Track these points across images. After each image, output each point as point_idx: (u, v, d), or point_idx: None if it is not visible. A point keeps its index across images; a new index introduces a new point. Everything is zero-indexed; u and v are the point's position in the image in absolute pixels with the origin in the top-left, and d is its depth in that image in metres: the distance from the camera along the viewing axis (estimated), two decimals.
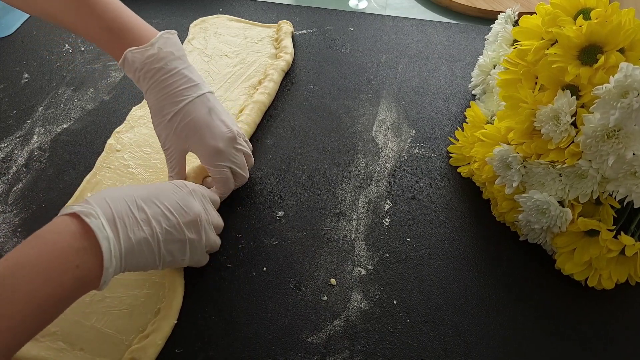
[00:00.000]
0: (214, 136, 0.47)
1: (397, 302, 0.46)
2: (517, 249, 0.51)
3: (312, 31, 0.78)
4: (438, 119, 0.64)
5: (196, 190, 0.43)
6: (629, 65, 0.39)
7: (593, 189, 0.43)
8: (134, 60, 0.46)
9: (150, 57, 0.46)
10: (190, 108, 0.47)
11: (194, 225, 0.41)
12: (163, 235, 0.38)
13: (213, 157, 0.48)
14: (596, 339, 0.45)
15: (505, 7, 0.81)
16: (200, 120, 0.47)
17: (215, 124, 0.48)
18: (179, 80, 0.47)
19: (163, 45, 0.46)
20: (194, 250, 0.42)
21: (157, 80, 0.46)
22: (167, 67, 0.46)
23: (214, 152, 0.48)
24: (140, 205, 0.38)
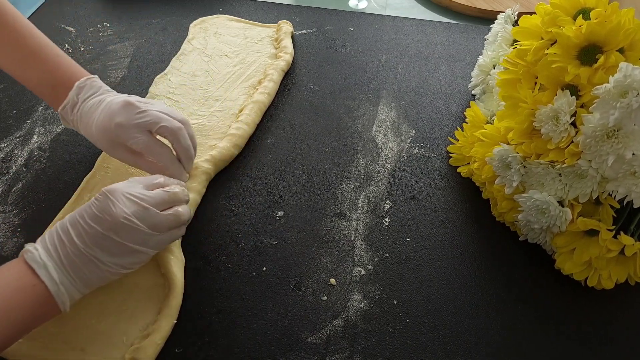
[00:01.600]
0: (111, 117, 0.47)
1: (396, 302, 0.46)
2: (516, 249, 0.51)
3: (312, 31, 0.78)
4: (438, 119, 0.64)
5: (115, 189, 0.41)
6: (628, 65, 0.39)
7: (593, 188, 0.43)
8: (66, 115, 0.51)
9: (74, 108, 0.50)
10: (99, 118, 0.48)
11: (119, 226, 0.39)
12: (91, 248, 0.39)
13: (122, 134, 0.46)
14: (596, 338, 0.45)
15: (505, 7, 0.81)
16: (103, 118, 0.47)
17: (111, 107, 0.47)
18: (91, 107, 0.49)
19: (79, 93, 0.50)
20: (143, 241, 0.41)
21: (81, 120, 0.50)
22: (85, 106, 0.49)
23: (119, 129, 0.46)
24: (67, 228, 0.39)
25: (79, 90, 0.50)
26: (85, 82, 0.50)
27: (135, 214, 0.40)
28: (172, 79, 0.67)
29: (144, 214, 0.41)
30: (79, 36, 0.76)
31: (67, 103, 0.50)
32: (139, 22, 0.79)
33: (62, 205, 0.52)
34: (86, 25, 0.78)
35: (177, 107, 0.63)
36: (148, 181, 0.44)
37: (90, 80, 0.50)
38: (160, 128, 0.47)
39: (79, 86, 0.50)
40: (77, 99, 0.49)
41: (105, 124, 0.47)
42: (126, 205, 0.40)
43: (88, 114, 0.49)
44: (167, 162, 0.48)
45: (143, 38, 0.76)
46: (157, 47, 0.74)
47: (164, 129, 0.47)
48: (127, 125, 0.46)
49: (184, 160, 0.50)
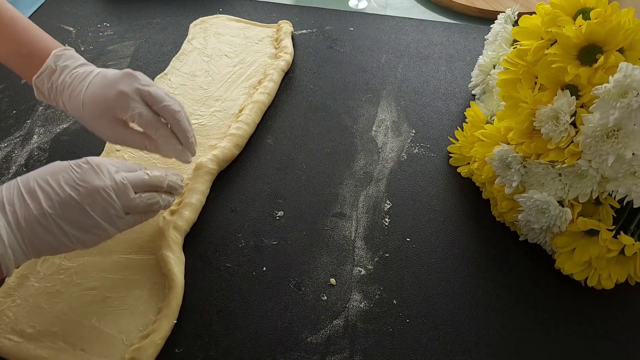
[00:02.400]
0: (111, 85, 0.45)
1: (396, 301, 0.46)
2: (516, 249, 0.51)
3: (312, 31, 0.78)
4: (438, 119, 0.64)
5: (101, 162, 0.40)
6: (628, 65, 0.39)
7: (593, 188, 0.43)
8: (42, 85, 0.47)
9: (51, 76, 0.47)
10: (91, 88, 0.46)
11: (97, 196, 0.38)
12: (57, 213, 0.37)
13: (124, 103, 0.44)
14: (596, 338, 0.45)
15: (505, 7, 0.81)
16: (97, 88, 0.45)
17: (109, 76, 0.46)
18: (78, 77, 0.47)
19: (58, 61, 0.47)
20: (111, 219, 0.39)
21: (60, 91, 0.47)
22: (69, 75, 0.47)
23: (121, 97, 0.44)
24: (32, 186, 0.37)
25: (57, 59, 0.47)
26: (62, 52, 0.48)
27: (114, 190, 0.39)
28: (172, 79, 0.67)
29: (121, 192, 0.39)
30: (79, 36, 0.76)
31: (43, 71, 0.47)
32: (139, 22, 0.79)
33: None
34: (86, 25, 0.78)
35: None
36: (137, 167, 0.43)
37: (67, 50, 0.48)
38: (163, 107, 0.45)
39: (57, 54, 0.47)
40: (55, 67, 0.47)
41: (102, 92, 0.45)
42: (109, 178, 0.39)
43: (74, 83, 0.46)
44: (167, 139, 0.46)
45: (143, 38, 0.76)
46: (157, 47, 0.74)
47: (166, 109, 0.46)
48: (130, 94, 0.44)
49: (185, 143, 0.48)
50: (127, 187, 0.40)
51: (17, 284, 0.45)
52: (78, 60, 0.48)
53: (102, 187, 0.38)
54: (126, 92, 0.44)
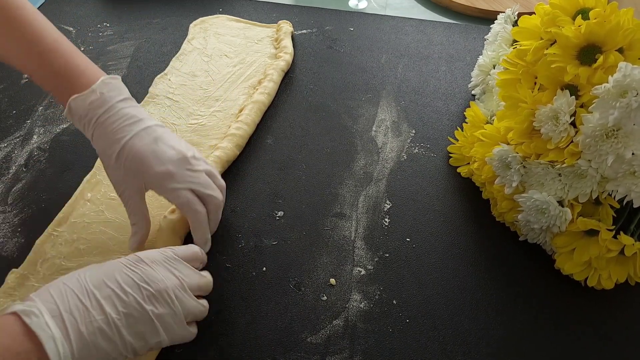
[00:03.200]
0: (161, 160, 0.43)
1: (396, 302, 0.46)
2: (516, 249, 0.51)
3: (312, 31, 0.78)
4: (438, 119, 0.64)
5: (157, 260, 0.38)
6: (627, 65, 0.39)
7: (592, 188, 0.43)
8: (77, 108, 0.44)
9: (92, 103, 0.43)
10: (134, 141, 0.43)
11: (160, 298, 0.36)
12: (121, 319, 0.34)
13: (165, 182, 0.43)
14: (596, 338, 0.45)
15: (505, 7, 0.81)
16: (144, 150, 0.43)
17: (161, 150, 0.44)
18: (121, 118, 0.44)
19: (105, 90, 0.44)
20: (169, 327, 0.37)
21: (98, 124, 0.44)
22: (110, 110, 0.44)
23: (164, 176, 0.43)
24: (90, 289, 0.34)
25: (103, 86, 0.44)
26: (110, 80, 0.45)
27: (174, 290, 0.36)
28: (172, 79, 0.67)
29: (181, 293, 0.37)
30: (79, 36, 0.76)
31: (85, 95, 0.43)
32: (139, 22, 0.79)
33: (62, 205, 0.52)
34: (86, 25, 0.78)
35: (177, 107, 0.63)
36: (186, 253, 0.41)
37: (115, 80, 0.46)
38: (208, 196, 0.45)
39: (105, 82, 0.44)
40: (99, 95, 0.44)
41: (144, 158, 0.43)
42: (168, 278, 0.36)
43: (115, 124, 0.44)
44: (202, 224, 0.45)
45: (143, 38, 0.76)
46: (157, 47, 0.74)
47: (211, 199, 0.45)
48: (177, 177, 0.43)
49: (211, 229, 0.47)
50: (186, 289, 0.37)
51: (17, 284, 0.45)
52: (122, 93, 0.45)
53: (164, 290, 0.36)
54: (173, 174, 0.43)
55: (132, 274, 0.36)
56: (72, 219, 0.51)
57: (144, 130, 0.44)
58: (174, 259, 0.39)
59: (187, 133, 0.60)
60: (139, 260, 0.37)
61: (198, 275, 0.40)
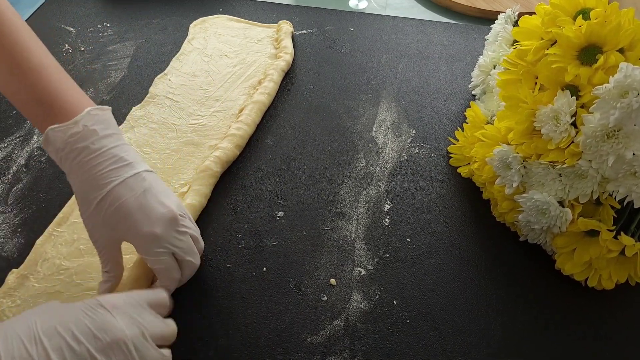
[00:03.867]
0: (149, 220, 0.40)
1: (397, 302, 0.46)
2: (517, 249, 0.51)
3: (312, 31, 0.78)
4: (438, 119, 0.64)
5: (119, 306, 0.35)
6: (628, 66, 0.39)
7: (593, 189, 0.43)
8: (55, 139, 0.39)
9: (73, 136, 0.39)
10: (120, 191, 0.39)
11: (117, 349, 0.33)
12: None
13: (149, 244, 0.40)
14: (596, 339, 0.45)
15: (505, 7, 0.81)
16: (131, 203, 0.40)
17: (150, 206, 0.40)
18: (106, 160, 0.40)
19: (89, 122, 0.40)
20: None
21: (80, 162, 0.40)
22: (93, 147, 0.40)
23: (150, 238, 0.40)
24: (39, 337, 0.31)
25: (89, 119, 0.40)
26: (97, 112, 0.41)
27: (134, 340, 0.34)
28: (172, 79, 0.67)
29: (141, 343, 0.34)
30: (79, 36, 0.76)
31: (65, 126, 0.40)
32: (139, 22, 0.79)
33: (62, 205, 0.52)
34: (86, 25, 0.78)
35: (177, 107, 0.63)
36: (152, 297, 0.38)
37: (102, 111, 0.41)
38: (187, 262, 0.42)
39: (91, 113, 0.41)
40: (82, 128, 0.40)
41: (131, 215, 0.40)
42: (128, 327, 0.34)
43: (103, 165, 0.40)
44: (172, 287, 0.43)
45: (143, 38, 0.76)
46: (157, 47, 0.74)
47: (188, 264, 0.43)
48: (162, 241, 0.40)
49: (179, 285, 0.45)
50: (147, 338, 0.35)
51: (17, 284, 0.45)
52: (108, 127, 0.41)
53: (121, 337, 0.33)
54: (159, 238, 0.40)
55: (89, 321, 0.33)
56: (72, 219, 0.51)
57: (132, 177, 0.40)
58: (138, 305, 0.36)
59: (187, 133, 0.60)
60: (99, 305, 0.34)
61: (163, 324, 0.37)
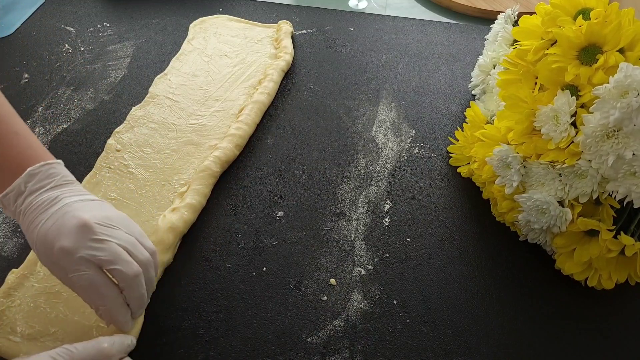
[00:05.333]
0: (59, 236, 0.36)
1: (396, 302, 0.46)
2: (517, 249, 0.51)
3: (312, 31, 0.78)
4: (438, 119, 0.64)
5: None
6: (628, 66, 0.39)
7: (593, 188, 0.43)
8: (8, 204, 0.39)
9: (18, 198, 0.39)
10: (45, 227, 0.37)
11: None
12: None
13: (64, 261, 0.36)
14: (596, 338, 0.45)
15: (505, 7, 0.81)
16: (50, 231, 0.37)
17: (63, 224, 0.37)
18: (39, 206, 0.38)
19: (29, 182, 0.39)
20: None
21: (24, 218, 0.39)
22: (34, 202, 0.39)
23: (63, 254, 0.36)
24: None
25: (30, 178, 0.39)
26: (39, 169, 0.39)
27: None
28: (172, 79, 0.67)
29: None
30: (79, 36, 0.76)
31: (10, 191, 0.39)
32: (139, 22, 0.79)
33: None
34: (86, 25, 0.78)
35: (177, 107, 0.63)
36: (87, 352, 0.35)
37: (47, 166, 0.40)
38: (114, 271, 0.37)
39: (31, 173, 0.39)
40: (24, 188, 0.39)
41: (49, 239, 0.37)
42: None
43: (33, 213, 0.38)
44: (112, 307, 0.38)
45: (143, 38, 0.76)
46: (157, 47, 0.74)
47: (117, 273, 0.37)
48: (72, 254, 0.36)
49: (134, 307, 0.40)
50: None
51: (17, 284, 0.45)
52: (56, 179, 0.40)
53: None
54: (68, 250, 0.36)
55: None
56: None
57: (57, 211, 0.38)
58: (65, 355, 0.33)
59: (187, 133, 0.60)
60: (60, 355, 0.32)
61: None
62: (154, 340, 0.43)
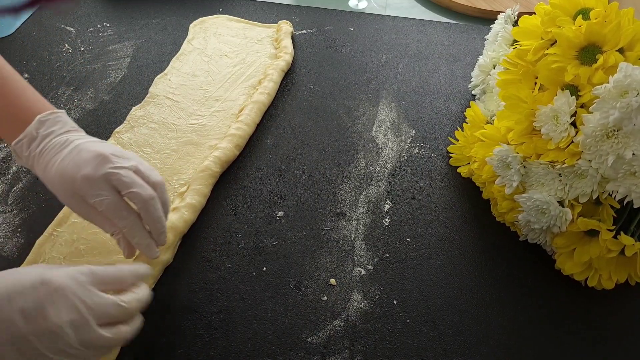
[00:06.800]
0: (78, 166, 0.40)
1: (397, 302, 0.46)
2: (517, 249, 0.51)
3: (312, 31, 0.78)
4: (438, 119, 0.64)
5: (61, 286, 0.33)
6: (628, 65, 0.39)
7: (593, 188, 0.43)
8: (20, 152, 0.43)
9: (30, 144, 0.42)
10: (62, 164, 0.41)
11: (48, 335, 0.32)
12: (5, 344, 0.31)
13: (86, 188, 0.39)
14: (596, 338, 0.45)
15: (505, 7, 0.81)
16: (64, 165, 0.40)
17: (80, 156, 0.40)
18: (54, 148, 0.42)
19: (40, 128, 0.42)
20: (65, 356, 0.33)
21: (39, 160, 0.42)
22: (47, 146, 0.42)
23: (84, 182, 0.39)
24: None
25: (40, 125, 0.42)
26: (48, 117, 0.43)
27: (71, 324, 0.32)
28: (172, 79, 0.67)
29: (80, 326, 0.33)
30: (79, 36, 0.76)
31: (23, 137, 0.42)
32: (139, 22, 0.79)
33: (62, 205, 0.52)
34: (86, 25, 0.78)
35: (177, 107, 0.63)
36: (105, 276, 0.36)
37: (54, 115, 0.43)
38: (130, 193, 0.40)
39: (41, 120, 0.42)
40: (37, 134, 0.42)
41: (68, 172, 0.40)
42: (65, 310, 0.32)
43: (49, 154, 0.42)
44: (133, 230, 0.41)
45: (143, 38, 0.76)
46: (157, 47, 0.74)
47: (134, 195, 0.40)
48: (94, 179, 0.39)
49: (154, 233, 0.43)
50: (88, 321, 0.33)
51: None
52: (64, 126, 0.43)
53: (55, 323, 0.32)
54: (90, 177, 0.39)
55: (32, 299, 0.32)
56: (72, 219, 0.51)
57: (72, 150, 0.41)
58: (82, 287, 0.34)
59: (187, 133, 0.60)
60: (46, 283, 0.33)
61: (112, 306, 0.35)
62: (154, 340, 0.43)
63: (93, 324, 0.34)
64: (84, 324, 0.33)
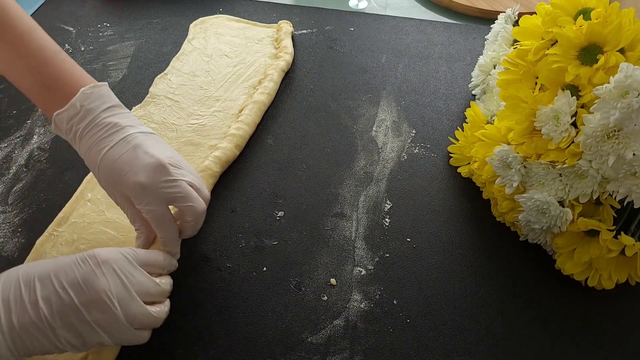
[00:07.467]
0: (135, 170, 0.40)
1: (397, 302, 0.46)
2: (517, 249, 0.51)
3: (312, 31, 0.78)
4: (438, 119, 0.64)
5: (109, 259, 0.36)
6: (629, 66, 0.39)
7: (593, 189, 0.43)
8: (61, 123, 0.42)
9: (73, 117, 0.42)
10: (111, 153, 0.41)
11: (98, 304, 0.34)
12: (54, 318, 0.33)
13: (138, 194, 0.40)
14: (596, 338, 0.45)
15: (505, 7, 0.81)
16: (119, 160, 0.41)
17: (138, 158, 0.41)
18: (101, 129, 0.42)
19: (86, 102, 0.42)
20: (111, 331, 0.35)
21: (82, 137, 0.42)
22: (91, 123, 0.42)
23: (138, 188, 0.40)
24: (34, 284, 0.34)
25: (84, 98, 0.42)
26: (91, 89, 0.42)
27: (118, 296, 0.34)
28: (172, 79, 0.67)
29: (126, 299, 0.35)
30: (79, 36, 0.76)
31: (65, 109, 0.42)
32: (139, 22, 0.79)
33: (62, 205, 0.52)
34: (86, 25, 0.78)
35: (177, 107, 0.63)
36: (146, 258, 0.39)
37: (97, 88, 0.43)
38: (186, 207, 0.42)
39: (85, 93, 0.42)
40: (80, 108, 0.42)
41: (120, 169, 0.41)
42: (113, 281, 0.35)
43: (95, 136, 0.42)
44: (169, 241, 0.43)
45: (143, 38, 0.76)
46: (157, 47, 0.74)
47: (189, 209, 0.42)
48: (148, 189, 0.40)
49: (186, 237, 0.45)
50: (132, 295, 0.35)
51: None
52: (106, 102, 0.43)
53: (103, 291, 0.34)
54: (146, 186, 0.40)
55: (78, 272, 0.34)
56: (73, 219, 0.51)
57: (123, 139, 0.42)
58: (128, 263, 0.37)
59: (187, 133, 0.60)
60: (92, 257, 0.35)
61: (152, 284, 0.38)
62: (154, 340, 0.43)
63: (138, 299, 0.36)
64: (130, 298, 0.35)
